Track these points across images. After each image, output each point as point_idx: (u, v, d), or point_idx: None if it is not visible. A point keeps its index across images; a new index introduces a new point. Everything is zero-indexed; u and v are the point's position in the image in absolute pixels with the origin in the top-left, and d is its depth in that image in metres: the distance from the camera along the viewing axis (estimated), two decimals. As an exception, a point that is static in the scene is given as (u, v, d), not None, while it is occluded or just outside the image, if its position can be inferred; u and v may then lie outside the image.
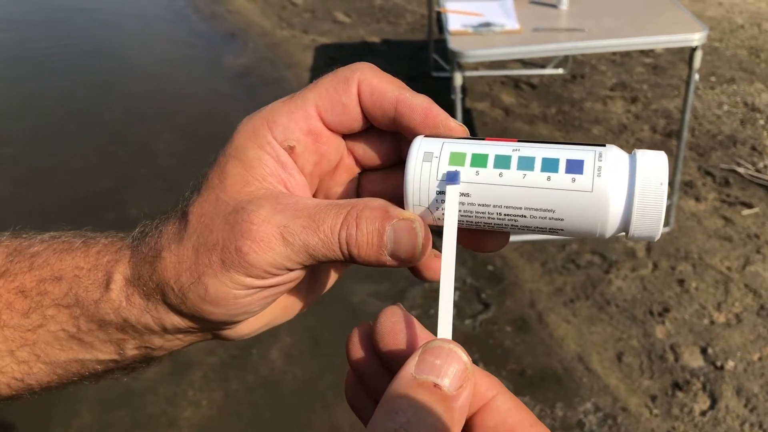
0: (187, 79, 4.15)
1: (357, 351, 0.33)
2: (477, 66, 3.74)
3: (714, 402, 1.89)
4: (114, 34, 4.84)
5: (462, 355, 0.28)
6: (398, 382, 0.28)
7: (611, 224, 0.32)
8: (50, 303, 0.37)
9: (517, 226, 0.34)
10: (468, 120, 3.30)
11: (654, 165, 0.32)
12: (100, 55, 4.53)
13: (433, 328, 0.32)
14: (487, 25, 2.21)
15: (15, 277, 0.37)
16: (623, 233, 0.33)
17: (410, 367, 0.28)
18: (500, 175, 0.33)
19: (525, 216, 0.33)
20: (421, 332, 0.32)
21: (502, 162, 0.33)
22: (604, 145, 0.33)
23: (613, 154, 0.33)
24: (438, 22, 2.68)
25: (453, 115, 2.19)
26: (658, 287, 2.28)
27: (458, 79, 2.17)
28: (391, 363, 0.32)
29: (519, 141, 0.34)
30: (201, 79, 4.15)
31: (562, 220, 0.33)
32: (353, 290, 2.36)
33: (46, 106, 3.89)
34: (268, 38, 4.53)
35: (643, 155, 0.32)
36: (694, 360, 2.02)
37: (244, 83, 4.03)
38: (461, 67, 2.17)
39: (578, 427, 1.87)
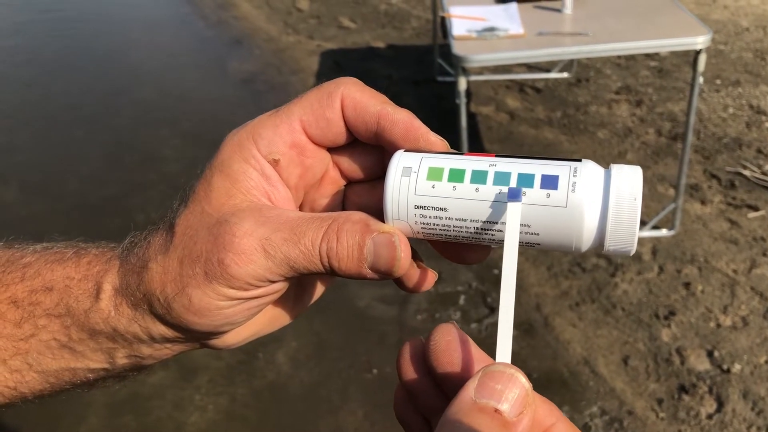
0: (193, 85, 4.17)
1: (408, 367, 0.33)
2: (482, 70, 3.74)
3: (720, 405, 1.89)
4: (121, 41, 4.87)
5: (523, 381, 0.28)
6: (458, 405, 0.27)
7: (586, 239, 0.33)
8: (42, 313, 0.37)
9: (494, 240, 0.34)
10: (473, 124, 3.31)
11: (628, 180, 0.32)
12: (107, 61, 4.56)
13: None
14: (491, 29, 2.22)
15: (7, 287, 0.38)
16: (599, 248, 0.33)
17: (470, 391, 0.28)
18: (476, 190, 0.34)
19: (501, 230, 0.34)
20: (477, 353, 0.32)
21: (479, 177, 0.34)
22: (580, 160, 0.34)
23: (588, 169, 0.33)
24: (442, 26, 2.68)
25: (458, 119, 2.19)
26: (663, 290, 2.27)
27: (463, 83, 2.18)
28: (445, 383, 0.32)
29: (497, 156, 0.35)
30: (207, 84, 4.17)
31: (537, 234, 0.33)
32: (358, 294, 2.36)
33: (53, 113, 3.92)
34: (273, 44, 4.55)
35: (619, 170, 0.33)
36: (700, 363, 2.01)
37: (250, 89, 4.04)
38: (466, 72, 2.18)
39: (585, 430, 1.86)
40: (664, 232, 2.50)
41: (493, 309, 2.28)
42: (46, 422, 1.99)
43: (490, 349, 0.31)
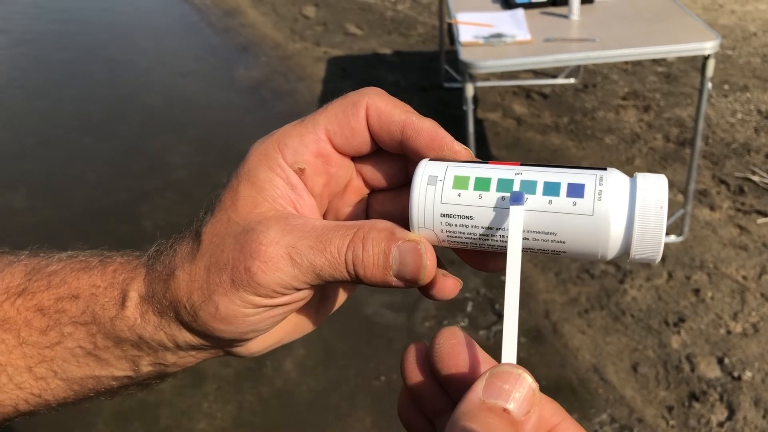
0: (200, 92, 4.18)
1: (413, 370, 0.33)
2: (488, 76, 3.75)
3: (732, 413, 1.87)
4: (129, 49, 4.89)
5: (530, 381, 0.28)
6: (466, 405, 0.28)
7: (612, 247, 0.33)
8: (68, 321, 0.38)
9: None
10: (480, 130, 3.31)
11: (654, 188, 0.32)
12: (114, 69, 4.58)
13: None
14: (498, 35, 2.22)
15: (33, 295, 0.38)
16: (625, 256, 0.33)
17: (478, 391, 0.28)
18: (503, 198, 0.34)
19: (527, 238, 0.34)
20: (482, 355, 0.32)
21: (505, 186, 0.34)
22: (606, 169, 0.34)
23: (614, 177, 0.33)
24: (449, 33, 2.69)
25: (464, 125, 2.19)
26: (673, 297, 2.26)
27: (470, 89, 2.18)
28: (450, 385, 0.32)
29: (522, 164, 0.35)
30: (214, 92, 4.18)
31: (563, 242, 0.33)
32: (367, 301, 2.36)
33: (61, 121, 3.94)
34: (280, 51, 4.56)
35: (644, 179, 0.33)
36: (710, 370, 2.00)
37: (257, 96, 4.06)
38: (473, 78, 2.18)
39: (594, 438, 1.85)
40: (673, 238, 2.49)
41: (501, 316, 2.27)
42: (55, 430, 1.99)
43: (498, 357, 0.31)
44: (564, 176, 0.34)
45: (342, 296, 0.43)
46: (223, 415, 2.03)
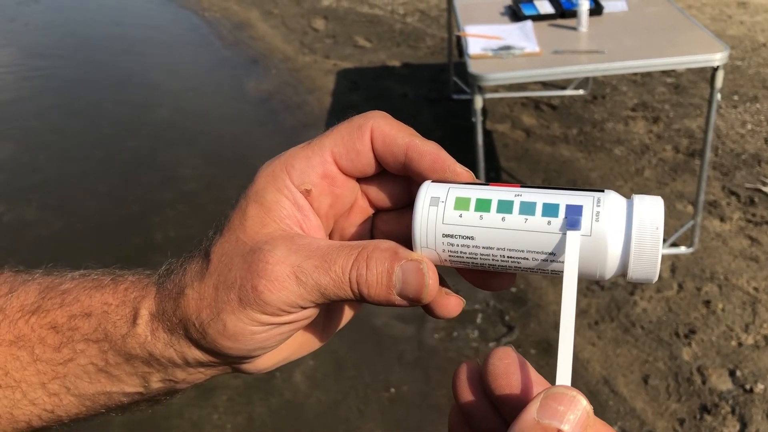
0: (211, 104, 4.21)
1: (465, 389, 0.34)
2: (497, 88, 3.75)
3: (744, 426, 1.86)
4: (140, 62, 4.94)
5: (584, 404, 0.28)
6: (521, 425, 0.28)
7: (610, 267, 0.34)
8: (80, 338, 0.38)
9: (520, 267, 0.35)
10: (489, 142, 3.31)
11: (650, 210, 0.33)
12: (126, 81, 4.63)
13: (456, 349, 0.33)
14: (507, 48, 2.23)
15: (47, 313, 0.39)
16: (622, 276, 0.34)
17: (532, 412, 0.28)
18: (503, 219, 0.34)
19: (527, 258, 0.35)
20: (535, 376, 0.33)
21: (505, 207, 0.35)
22: (603, 191, 0.35)
23: (611, 199, 0.34)
24: (458, 45, 2.70)
25: (473, 137, 2.19)
26: (683, 309, 2.25)
27: (478, 102, 2.19)
28: (503, 405, 0.33)
29: (522, 186, 0.36)
30: (225, 104, 4.21)
31: (563, 262, 0.34)
32: (376, 312, 2.36)
33: (73, 133, 3.98)
34: (290, 64, 4.59)
35: (640, 201, 0.34)
36: (722, 383, 1.99)
37: (267, 108, 4.08)
38: (482, 90, 2.19)
39: (605, 451, 1.84)
40: (683, 249, 2.48)
41: (511, 327, 2.27)
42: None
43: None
44: (562, 198, 0.34)
45: (348, 314, 0.44)
46: (233, 427, 2.03)
